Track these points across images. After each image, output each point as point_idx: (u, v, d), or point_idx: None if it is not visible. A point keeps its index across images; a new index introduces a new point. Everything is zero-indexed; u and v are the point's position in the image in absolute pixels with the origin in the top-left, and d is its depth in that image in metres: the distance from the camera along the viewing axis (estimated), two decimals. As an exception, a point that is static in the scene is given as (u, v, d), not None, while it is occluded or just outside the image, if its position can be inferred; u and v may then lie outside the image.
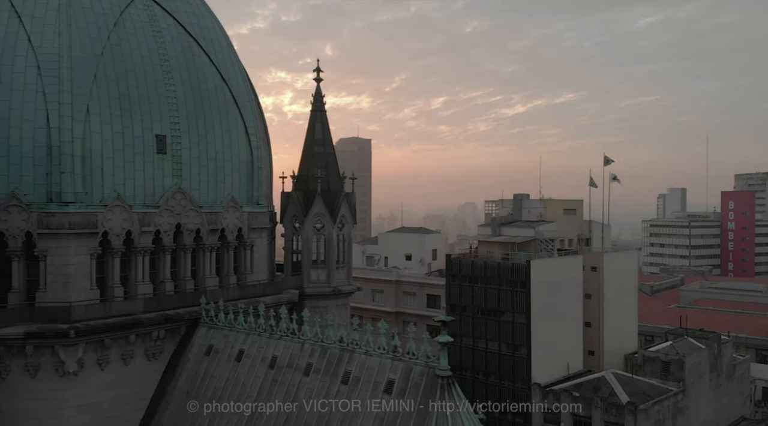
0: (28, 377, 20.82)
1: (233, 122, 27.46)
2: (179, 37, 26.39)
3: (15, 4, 22.70)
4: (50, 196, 21.90)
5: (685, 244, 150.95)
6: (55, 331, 20.55)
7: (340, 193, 31.76)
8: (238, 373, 21.39)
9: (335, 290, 31.15)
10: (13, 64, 22.07)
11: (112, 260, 22.88)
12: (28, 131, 21.81)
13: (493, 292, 47.39)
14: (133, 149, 23.74)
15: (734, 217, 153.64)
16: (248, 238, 27.50)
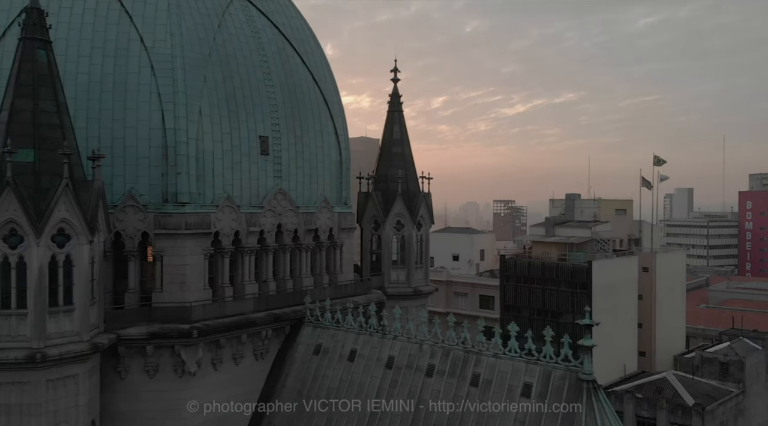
0: (147, 377, 20.92)
1: (324, 123, 27.52)
2: (274, 38, 26.44)
3: (125, 4, 22.74)
4: (166, 197, 21.98)
5: (703, 244, 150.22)
6: (178, 332, 20.64)
7: (419, 193, 31.82)
8: (352, 373, 21.42)
9: (416, 291, 31.27)
10: (127, 65, 22.12)
11: (222, 260, 22.98)
12: (143, 132, 21.88)
13: (552, 293, 47.25)
14: (240, 150, 23.82)
15: (752, 217, 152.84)
16: (338, 238, 27.56)
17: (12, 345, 17.17)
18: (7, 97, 18.23)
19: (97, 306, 19.23)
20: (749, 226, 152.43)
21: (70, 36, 21.96)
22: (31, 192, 17.36)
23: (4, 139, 17.62)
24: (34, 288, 17.29)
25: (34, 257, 17.29)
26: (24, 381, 17.22)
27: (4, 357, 16.92)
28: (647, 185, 56.44)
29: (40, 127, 18.02)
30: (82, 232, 18.22)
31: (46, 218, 17.34)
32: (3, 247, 17.22)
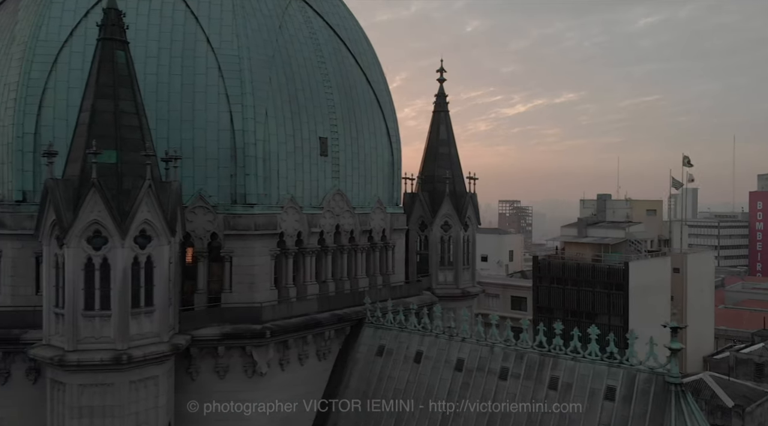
0: (218, 378, 20.93)
1: (378, 124, 27.51)
2: (330, 39, 26.42)
3: (190, 5, 22.73)
4: (234, 198, 21.98)
5: (714, 244, 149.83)
6: (251, 332, 20.64)
7: (466, 194, 31.78)
8: (419, 375, 21.39)
9: (464, 292, 31.24)
10: (194, 66, 22.11)
11: (286, 260, 22.98)
12: (212, 133, 21.88)
13: (587, 294, 47.08)
14: (302, 151, 23.83)
15: (763, 218, 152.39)
16: (390, 238, 27.54)
17: (96, 346, 17.19)
18: (87, 98, 18.24)
19: (173, 307, 19.26)
20: (760, 226, 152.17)
21: (137, 37, 21.83)
22: (114, 193, 17.37)
23: (87, 140, 17.66)
24: (118, 289, 17.30)
25: (119, 258, 17.31)
26: (107, 382, 17.23)
27: (90, 358, 16.94)
28: (677, 185, 56.19)
29: (121, 128, 18.02)
30: (163, 233, 18.24)
31: (130, 219, 17.36)
32: (87, 249, 17.23)
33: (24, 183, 20.88)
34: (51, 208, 17.40)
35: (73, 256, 17.12)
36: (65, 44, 21.59)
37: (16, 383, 20.11)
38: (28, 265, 20.67)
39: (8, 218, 20.67)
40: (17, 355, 20.07)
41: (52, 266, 17.78)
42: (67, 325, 17.19)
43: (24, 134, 20.85)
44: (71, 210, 17.14)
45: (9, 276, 20.60)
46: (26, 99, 20.95)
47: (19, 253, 20.60)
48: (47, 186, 17.42)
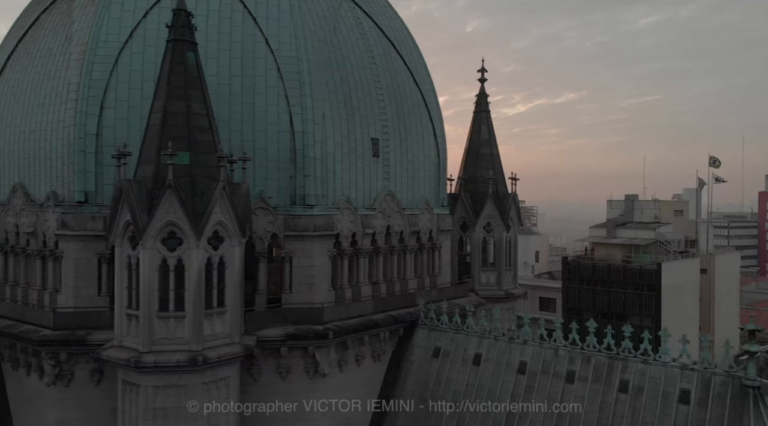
0: (279, 379, 20.91)
1: (425, 124, 27.46)
2: (379, 40, 26.39)
3: (248, 5, 22.73)
4: (294, 199, 21.98)
5: (724, 244, 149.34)
6: (314, 333, 20.63)
7: (508, 195, 31.73)
8: (480, 378, 21.32)
9: (507, 293, 31.22)
10: (254, 67, 22.11)
11: (341, 261, 22.97)
12: (272, 134, 21.88)
13: (618, 295, 46.91)
14: (356, 152, 23.82)
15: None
16: (437, 239, 27.49)
17: (171, 348, 17.19)
18: (158, 99, 18.25)
19: (240, 308, 19.25)
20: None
21: (197, 38, 21.92)
22: (188, 195, 17.36)
23: (159, 142, 17.67)
24: (193, 290, 17.30)
25: (194, 259, 17.30)
26: (182, 384, 17.20)
27: (166, 360, 16.93)
28: (702, 185, 55.95)
29: (193, 129, 18.02)
30: (235, 234, 18.24)
31: (205, 221, 17.35)
32: (162, 250, 17.23)
33: (86, 184, 20.90)
34: (125, 210, 17.40)
35: (149, 257, 17.12)
36: (125, 45, 21.60)
37: (80, 385, 20.11)
38: (91, 266, 20.71)
39: (70, 219, 20.70)
40: (80, 357, 20.08)
41: (125, 267, 17.79)
42: (142, 326, 17.20)
43: (86, 135, 20.88)
44: (146, 211, 17.15)
45: (71, 277, 20.63)
46: (88, 100, 20.98)
47: (82, 254, 20.64)
48: (122, 187, 17.42)
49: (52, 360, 19.76)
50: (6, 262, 23.58)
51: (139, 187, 17.37)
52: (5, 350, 21.98)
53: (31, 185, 22.74)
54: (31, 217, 22.18)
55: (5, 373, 22.13)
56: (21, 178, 23.10)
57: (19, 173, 23.20)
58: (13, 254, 23.18)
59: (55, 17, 24.09)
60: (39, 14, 25.03)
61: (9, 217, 23.26)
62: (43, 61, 23.26)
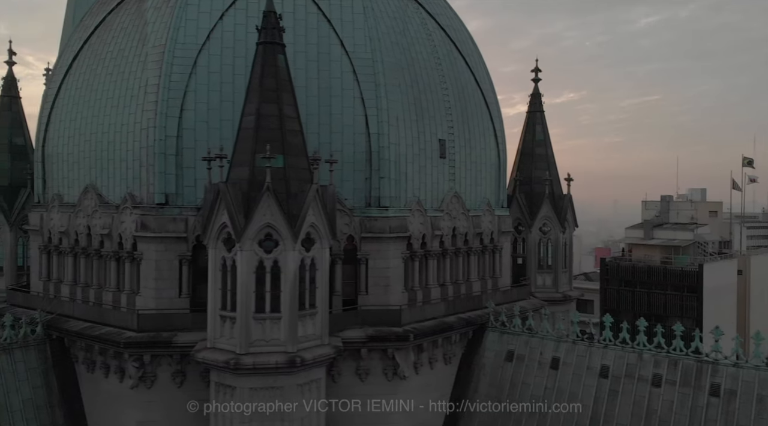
0: (358, 381, 20.92)
1: (486, 125, 27.40)
2: (443, 41, 26.35)
3: (322, 7, 22.72)
4: (368, 201, 21.99)
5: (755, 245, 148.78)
6: (395, 335, 20.64)
7: (564, 196, 31.61)
8: (559, 382, 21.26)
9: (565, 296, 31.09)
10: (330, 69, 22.11)
11: (412, 263, 22.93)
12: (348, 136, 21.88)
13: (657, 296, 46.72)
14: (425, 154, 23.80)
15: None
16: (498, 241, 27.41)
17: (267, 349, 17.17)
18: (251, 102, 18.22)
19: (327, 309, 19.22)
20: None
21: (272, 39, 21.94)
22: (284, 197, 17.34)
23: (253, 145, 17.66)
24: (289, 291, 17.28)
25: (290, 261, 17.28)
26: (278, 386, 17.20)
27: (265, 361, 16.92)
28: (737, 187, 55.73)
29: (286, 132, 18.00)
30: (325, 236, 18.22)
31: (300, 223, 17.33)
32: (259, 252, 17.22)
33: (167, 186, 20.92)
34: (221, 212, 17.40)
35: (246, 259, 17.11)
36: (203, 47, 21.61)
37: (162, 387, 20.15)
38: (172, 267, 20.72)
39: (151, 221, 20.72)
40: (163, 358, 20.14)
41: (219, 269, 17.77)
42: (239, 328, 17.19)
43: (166, 137, 20.89)
44: (242, 213, 17.14)
45: (152, 279, 20.65)
46: (168, 102, 20.99)
47: (163, 255, 20.65)
48: (219, 189, 17.40)
49: (136, 362, 19.78)
50: (76, 264, 23.61)
51: (234, 190, 17.35)
52: (80, 352, 22.01)
53: (104, 187, 22.76)
54: (106, 219, 22.20)
55: (79, 375, 22.14)
56: (92, 179, 23.11)
57: (90, 175, 23.22)
58: (84, 256, 23.19)
59: (124, 18, 24.11)
60: (105, 15, 25.07)
61: (80, 219, 23.28)
62: (114, 62, 23.27)
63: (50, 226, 24.53)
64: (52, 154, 25.08)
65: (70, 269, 23.72)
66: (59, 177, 24.76)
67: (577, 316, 22.73)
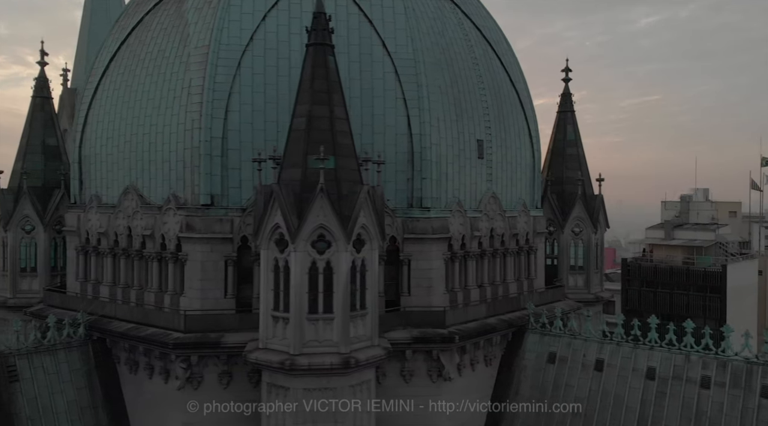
0: (403, 382, 20.90)
1: (521, 125, 27.35)
2: (478, 41, 26.32)
3: (363, 8, 22.71)
4: (410, 202, 21.98)
5: None
6: (441, 337, 20.63)
7: (596, 196, 31.55)
8: (603, 383, 21.19)
9: (597, 297, 31.02)
10: (372, 70, 22.09)
11: (452, 264, 22.89)
12: (390, 137, 21.87)
13: (680, 297, 46.57)
14: (464, 154, 23.78)
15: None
16: (533, 242, 27.35)
17: (321, 350, 17.16)
18: (302, 103, 18.21)
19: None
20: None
21: (314, 40, 21.93)
22: (335, 198, 17.33)
23: (305, 146, 17.65)
24: (342, 292, 17.27)
25: (343, 262, 17.27)
26: (331, 387, 17.19)
27: (319, 362, 16.91)
28: (756, 187, 55.54)
29: (337, 134, 17.99)
30: (375, 237, 18.21)
31: (352, 224, 17.32)
32: (312, 253, 17.21)
33: (212, 187, 20.93)
34: (274, 213, 17.39)
35: (300, 260, 17.10)
36: (246, 48, 21.61)
37: (209, 388, 20.15)
38: (217, 268, 20.75)
39: (197, 222, 20.74)
40: (210, 359, 20.15)
41: (271, 270, 17.76)
42: (292, 328, 17.18)
43: (212, 138, 20.90)
44: (295, 215, 17.12)
45: (198, 280, 20.66)
46: (213, 103, 20.99)
47: (208, 256, 20.67)
48: (273, 191, 17.39)
49: (183, 363, 19.79)
50: (115, 265, 23.64)
51: (286, 191, 17.34)
52: (122, 353, 22.05)
53: (145, 188, 22.78)
54: (148, 220, 22.21)
55: (121, 376, 22.15)
56: (132, 180, 23.14)
57: (131, 176, 23.24)
58: (124, 257, 23.21)
59: (163, 19, 24.12)
60: (142, 16, 25.08)
61: (119, 220, 23.30)
62: (154, 63, 23.29)
63: (88, 227, 24.57)
64: (89, 155, 25.12)
65: (109, 270, 23.76)
66: (97, 178, 24.80)
67: (619, 318, 22.58)
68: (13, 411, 19.42)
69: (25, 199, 28.04)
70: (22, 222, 28.24)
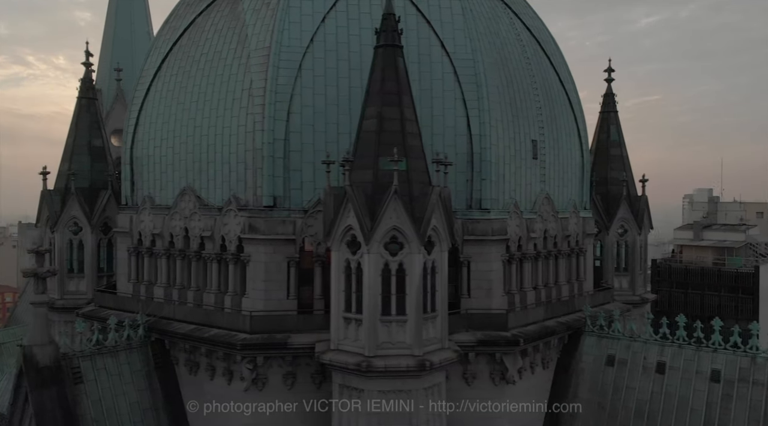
0: (465, 385, 20.83)
1: (571, 126, 27.23)
2: (529, 41, 26.23)
3: (421, 9, 22.67)
4: (470, 203, 21.92)
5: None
6: (505, 340, 20.56)
7: (640, 197, 31.41)
8: (666, 386, 21.08)
9: (642, 298, 30.89)
10: (431, 71, 22.04)
11: (509, 266, 22.82)
12: (449, 138, 21.81)
13: (711, 298, 46.33)
14: (520, 155, 23.70)
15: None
16: (582, 244, 27.24)
17: (394, 352, 17.15)
18: (372, 105, 18.20)
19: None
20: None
21: (374, 40, 21.88)
22: (407, 200, 17.31)
23: (376, 147, 17.64)
24: (415, 294, 17.25)
25: (416, 264, 17.25)
26: (405, 389, 17.17)
27: (396, 364, 16.89)
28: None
29: (407, 135, 17.98)
30: (445, 239, 18.19)
31: (425, 226, 17.29)
32: (385, 254, 17.20)
33: (275, 189, 20.94)
34: (347, 214, 17.39)
35: (374, 261, 17.09)
36: (307, 50, 21.61)
37: (273, 389, 20.16)
38: (281, 269, 20.75)
39: (261, 223, 20.75)
40: (275, 360, 20.15)
41: (342, 271, 17.75)
42: (366, 330, 17.17)
43: (275, 140, 20.89)
44: (368, 216, 17.11)
45: (261, 280, 20.67)
46: (275, 105, 20.98)
47: (272, 257, 20.68)
48: (346, 192, 17.37)
49: (250, 364, 19.79)
50: (170, 266, 23.68)
51: (358, 193, 17.32)
52: (181, 354, 22.06)
53: (203, 189, 22.80)
54: (207, 221, 22.23)
55: (180, 377, 22.16)
56: (189, 182, 23.17)
57: (187, 177, 23.27)
58: (180, 257, 23.24)
59: (217, 20, 24.15)
60: (194, 17, 25.13)
61: (175, 221, 23.34)
62: (210, 64, 23.30)
63: (140, 228, 24.62)
64: (141, 156, 25.18)
65: (163, 271, 23.79)
66: (150, 179, 24.85)
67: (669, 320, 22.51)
68: (80, 413, 19.47)
69: (73, 200, 28.08)
70: (69, 223, 28.33)
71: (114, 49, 52.34)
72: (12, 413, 19.87)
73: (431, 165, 19.70)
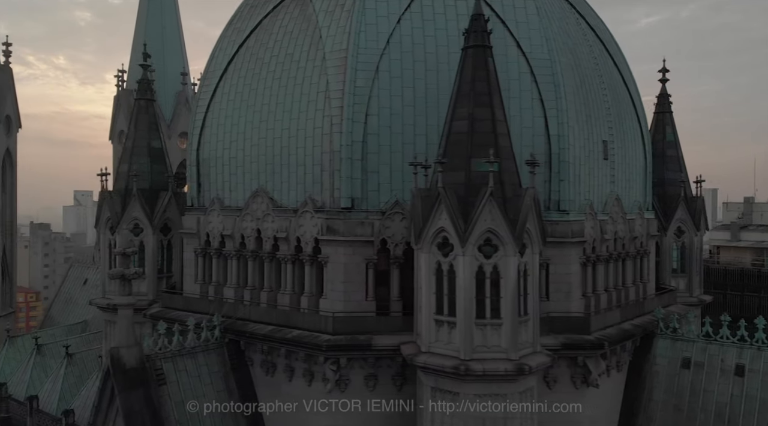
0: (546, 388, 20.59)
1: (635, 126, 27.01)
2: (595, 41, 26.06)
3: (495, 9, 22.53)
4: (548, 204, 21.77)
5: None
6: (589, 343, 20.40)
7: (696, 198, 31.13)
8: (746, 389, 20.90)
9: (699, 299, 30.61)
10: (507, 71, 21.86)
11: (584, 269, 22.62)
12: (527, 138, 21.65)
13: (752, 299, 45.86)
14: (593, 156, 23.52)
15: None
16: (646, 245, 27.01)
17: (489, 355, 17.04)
18: (462, 106, 18.10)
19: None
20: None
21: (449, 42, 21.84)
22: (501, 202, 17.20)
23: (468, 149, 17.55)
24: (510, 297, 17.13)
25: (511, 266, 17.13)
26: (501, 393, 17.06)
27: (494, 368, 16.78)
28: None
29: (498, 136, 17.88)
30: (536, 242, 18.06)
31: (520, 228, 17.17)
32: (479, 257, 17.10)
33: (353, 190, 20.91)
34: (439, 216, 17.31)
35: (468, 264, 16.99)
36: (384, 52, 21.55)
37: (355, 391, 20.13)
38: (360, 271, 20.71)
39: (340, 225, 20.72)
40: (356, 362, 20.12)
41: (433, 274, 17.68)
42: (461, 333, 17.07)
43: (353, 142, 20.87)
44: (461, 218, 17.02)
45: (341, 282, 20.65)
46: (353, 107, 20.95)
47: (351, 259, 20.65)
48: (439, 194, 17.29)
49: (333, 365, 19.77)
50: (241, 267, 23.72)
51: (450, 195, 17.24)
52: (256, 355, 22.08)
53: (276, 191, 22.81)
54: (281, 222, 22.24)
55: (255, 378, 22.17)
56: (261, 184, 23.18)
57: (259, 179, 23.29)
58: (252, 259, 23.25)
59: (286, 22, 24.13)
60: (261, 19, 25.12)
61: (246, 222, 23.36)
62: (281, 66, 23.29)
63: (209, 229, 24.67)
64: (209, 157, 25.22)
65: (234, 272, 23.83)
66: (218, 181, 24.89)
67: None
68: (164, 415, 19.51)
69: (135, 202, 28.17)
70: (130, 224, 28.43)
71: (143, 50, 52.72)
72: (96, 414, 20.00)
73: (521, 166, 19.66)
